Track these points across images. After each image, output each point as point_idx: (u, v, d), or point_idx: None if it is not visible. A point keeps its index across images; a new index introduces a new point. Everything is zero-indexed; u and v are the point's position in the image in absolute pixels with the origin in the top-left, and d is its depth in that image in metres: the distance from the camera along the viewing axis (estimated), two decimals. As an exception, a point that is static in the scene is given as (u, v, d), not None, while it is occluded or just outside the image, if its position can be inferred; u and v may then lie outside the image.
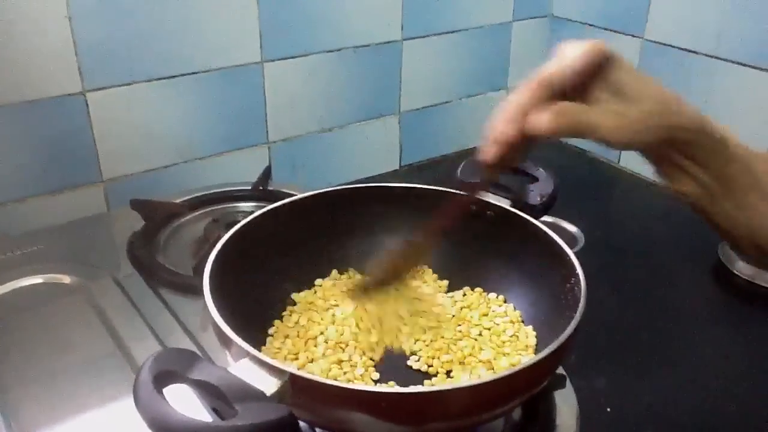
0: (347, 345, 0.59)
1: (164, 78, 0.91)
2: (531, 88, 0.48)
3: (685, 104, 0.50)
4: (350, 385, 0.45)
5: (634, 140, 0.48)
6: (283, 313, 0.64)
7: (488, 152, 0.50)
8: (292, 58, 1.00)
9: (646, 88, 0.48)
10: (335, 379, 0.55)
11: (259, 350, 0.47)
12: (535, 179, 0.70)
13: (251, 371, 0.45)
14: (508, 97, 0.49)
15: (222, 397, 0.42)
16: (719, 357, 0.77)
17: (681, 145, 0.50)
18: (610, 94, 0.48)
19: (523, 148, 0.50)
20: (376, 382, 0.56)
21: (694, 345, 0.79)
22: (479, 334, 0.61)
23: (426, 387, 0.53)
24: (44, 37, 0.81)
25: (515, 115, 0.48)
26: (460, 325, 0.62)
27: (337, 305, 0.64)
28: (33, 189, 0.87)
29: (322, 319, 0.62)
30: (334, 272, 0.68)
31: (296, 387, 0.44)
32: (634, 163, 1.16)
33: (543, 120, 0.47)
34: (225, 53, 0.94)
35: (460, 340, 0.60)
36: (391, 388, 0.52)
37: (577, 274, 0.55)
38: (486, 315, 0.63)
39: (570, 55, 0.48)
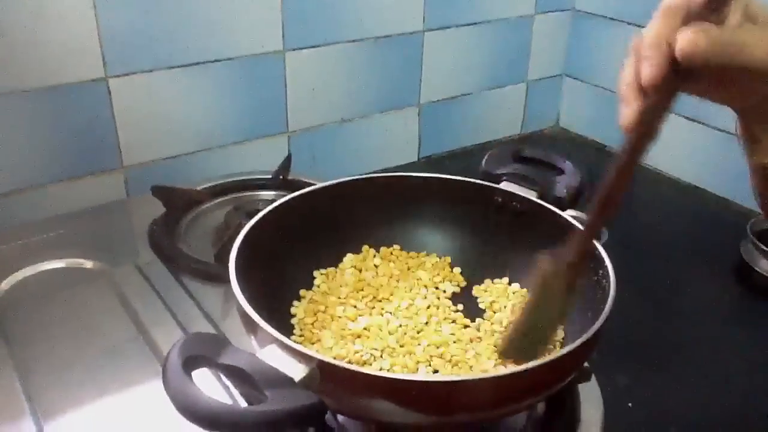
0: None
1: (186, 66, 0.91)
2: (661, 18, 0.43)
3: None
4: (378, 373, 0.45)
5: None
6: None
7: (628, 111, 0.44)
8: (314, 47, 1.00)
9: None
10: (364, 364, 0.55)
11: (286, 336, 0.46)
12: (561, 172, 0.69)
13: (279, 357, 0.45)
14: (637, 37, 0.43)
15: (251, 382, 0.42)
16: (741, 355, 0.76)
17: None
18: (745, 19, 0.43)
19: (667, 97, 0.43)
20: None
21: (716, 343, 0.78)
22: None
23: (455, 376, 0.52)
24: (68, 23, 0.81)
25: (653, 50, 0.42)
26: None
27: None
28: (54, 175, 0.87)
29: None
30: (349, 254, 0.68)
31: (324, 373, 0.44)
32: (656, 159, 1.15)
33: (688, 40, 0.40)
34: (247, 42, 0.94)
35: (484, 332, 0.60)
36: (420, 375, 0.52)
37: (606, 267, 0.55)
38: (512, 306, 0.62)
39: None
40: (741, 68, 0.43)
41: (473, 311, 0.64)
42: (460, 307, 0.64)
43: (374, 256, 0.68)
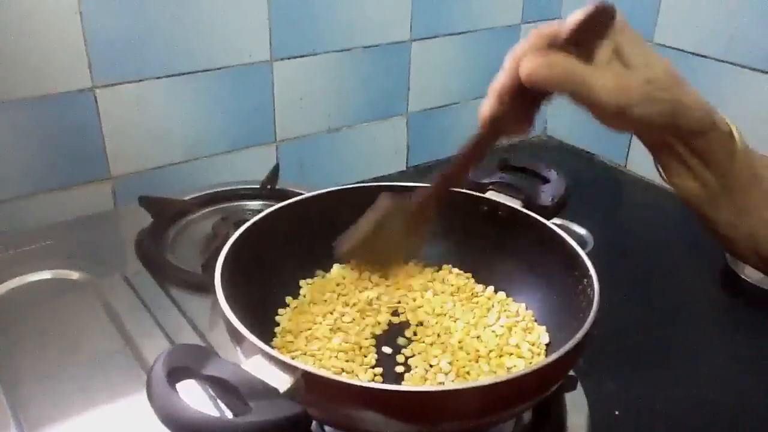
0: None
1: (174, 75, 0.91)
2: (530, 38, 0.46)
3: (693, 89, 0.47)
4: (363, 383, 0.45)
5: (633, 109, 0.45)
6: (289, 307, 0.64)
7: (483, 107, 0.48)
8: (302, 57, 1.00)
9: (653, 58, 0.46)
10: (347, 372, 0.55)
11: (270, 347, 0.46)
12: (547, 180, 0.70)
13: (264, 368, 0.45)
14: (510, 50, 0.47)
15: (235, 393, 0.42)
16: (728, 361, 0.77)
17: (684, 133, 0.47)
18: (612, 57, 0.45)
19: (521, 106, 0.47)
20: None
21: (702, 349, 0.79)
22: (492, 332, 0.60)
23: (440, 386, 0.53)
24: (55, 32, 0.81)
25: (509, 64, 0.46)
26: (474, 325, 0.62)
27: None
28: (41, 185, 0.87)
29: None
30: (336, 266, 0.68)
31: (309, 384, 0.44)
32: (641, 166, 1.16)
33: (532, 65, 0.44)
34: (235, 51, 0.94)
35: (474, 338, 0.60)
36: (405, 386, 0.52)
37: (590, 276, 0.55)
38: (498, 315, 0.62)
39: (576, 12, 0.45)
40: (586, 101, 0.45)
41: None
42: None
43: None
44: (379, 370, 0.57)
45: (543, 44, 0.45)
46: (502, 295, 0.65)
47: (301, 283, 0.66)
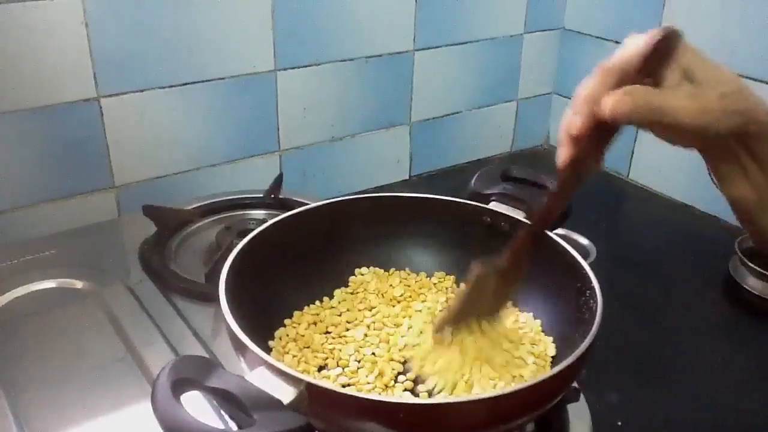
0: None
1: (178, 85, 0.91)
2: (598, 76, 0.46)
3: (758, 95, 0.48)
4: (367, 395, 0.45)
5: (712, 125, 0.45)
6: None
7: (561, 154, 0.48)
8: (305, 67, 1.00)
9: (719, 72, 0.46)
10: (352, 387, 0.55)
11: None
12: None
13: (268, 379, 0.45)
14: (576, 89, 0.47)
15: (239, 405, 0.42)
16: (730, 371, 0.77)
17: (749, 138, 0.47)
18: (681, 78, 0.46)
19: (598, 144, 0.48)
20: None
21: (705, 359, 0.79)
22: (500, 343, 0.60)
23: (444, 398, 0.53)
24: (60, 42, 0.82)
25: (583, 106, 0.46)
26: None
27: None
28: (46, 194, 0.88)
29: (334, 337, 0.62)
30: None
31: (313, 396, 0.44)
32: (644, 176, 1.16)
33: (612, 102, 0.44)
34: (238, 61, 0.95)
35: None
36: (409, 398, 0.52)
37: (593, 287, 0.55)
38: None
39: (636, 40, 0.46)
40: (668, 127, 0.46)
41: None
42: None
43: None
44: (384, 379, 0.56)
45: (614, 80, 0.46)
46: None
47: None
